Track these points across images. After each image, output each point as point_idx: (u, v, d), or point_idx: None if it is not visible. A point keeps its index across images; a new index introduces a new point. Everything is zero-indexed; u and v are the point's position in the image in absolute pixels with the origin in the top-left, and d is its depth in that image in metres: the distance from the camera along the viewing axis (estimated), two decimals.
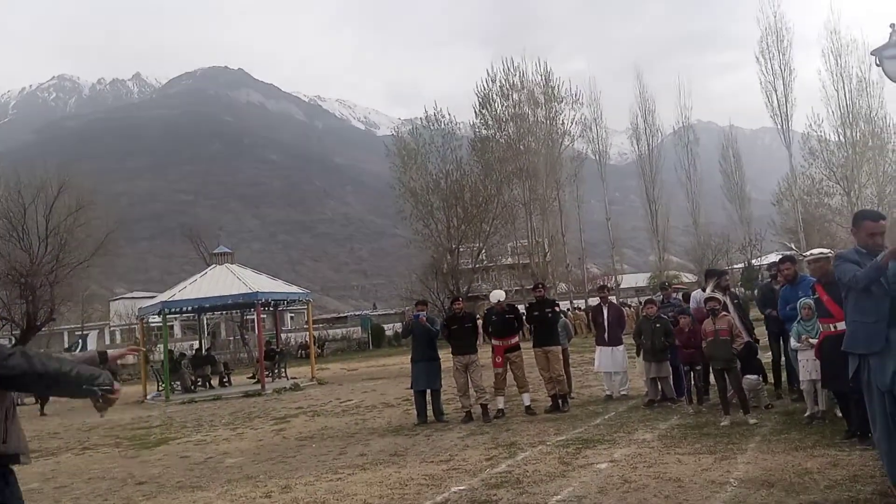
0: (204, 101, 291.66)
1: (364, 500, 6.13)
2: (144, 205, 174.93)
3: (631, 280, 63.07)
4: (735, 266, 50.91)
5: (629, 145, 55.74)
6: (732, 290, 9.92)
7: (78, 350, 31.92)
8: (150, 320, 25.74)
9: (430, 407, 10.62)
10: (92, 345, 32.30)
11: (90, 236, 38.41)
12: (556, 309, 11.44)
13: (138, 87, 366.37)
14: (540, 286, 11.51)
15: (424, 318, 10.78)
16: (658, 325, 9.88)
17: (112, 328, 65.04)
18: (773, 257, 30.69)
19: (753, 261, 51.24)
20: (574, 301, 45.78)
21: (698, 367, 9.31)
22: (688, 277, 46.11)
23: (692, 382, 9.48)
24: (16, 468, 3.01)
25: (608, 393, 11.39)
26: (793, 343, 7.94)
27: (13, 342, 37.94)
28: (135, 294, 75.75)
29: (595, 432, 8.39)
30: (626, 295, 51.99)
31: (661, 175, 51.12)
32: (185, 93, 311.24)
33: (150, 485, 7.80)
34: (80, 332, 50.01)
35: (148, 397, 21.10)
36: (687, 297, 11.03)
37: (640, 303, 26.90)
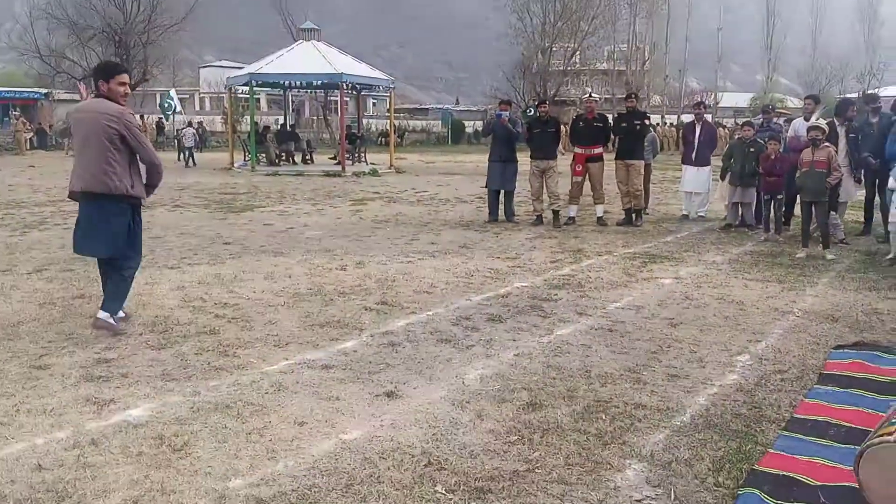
0: None
1: (431, 283, 6.45)
2: None
3: (731, 99, 59.30)
4: (848, 95, 47.03)
5: None
6: (854, 123, 9.20)
7: (167, 106, 32.94)
8: (237, 91, 26.14)
9: (502, 207, 10.75)
10: (175, 98, 33.30)
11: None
12: (646, 122, 10.98)
13: None
14: (632, 96, 10.99)
15: (506, 119, 10.54)
16: (752, 150, 9.41)
17: (202, 95, 66.71)
18: (894, 90, 28.04)
19: (869, 91, 47.11)
20: (666, 116, 43.81)
21: (780, 196, 8.97)
22: (793, 102, 42.97)
23: (771, 212, 9.19)
24: None
25: (685, 213, 11.22)
26: (891, 183, 7.50)
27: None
28: (223, 63, 76.46)
29: (664, 249, 8.40)
30: (724, 115, 49.19)
31: None
32: None
33: (236, 245, 8.39)
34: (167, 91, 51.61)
35: (235, 165, 22.13)
36: (790, 123, 10.35)
37: (737, 124, 25.50)
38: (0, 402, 3.61)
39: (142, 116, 29.33)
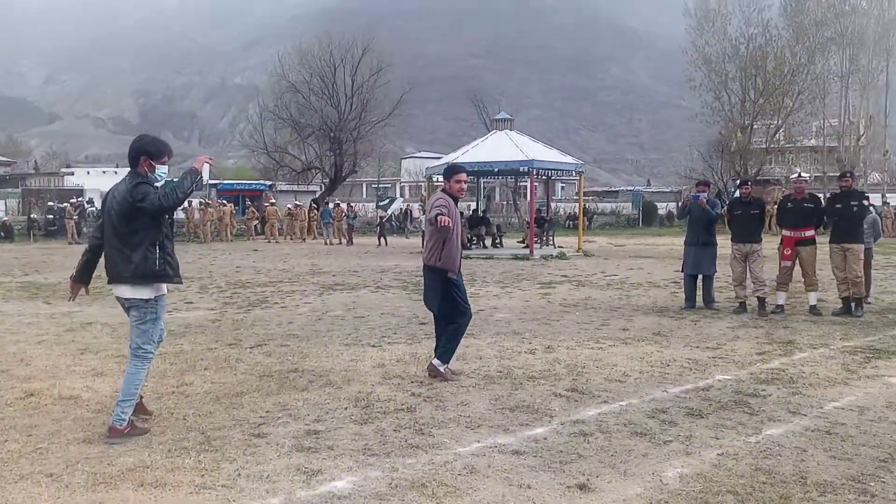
0: None
1: (624, 371, 6.25)
2: (436, 68, 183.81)
3: None
4: None
5: None
6: None
7: (387, 208, 35.24)
8: (435, 179, 27.76)
9: (699, 293, 10.24)
10: (397, 205, 36.46)
11: (387, 97, 41.93)
12: (865, 202, 10.03)
13: None
14: (848, 175, 10.10)
15: (705, 200, 10.17)
16: None
17: (402, 184, 71.67)
18: None
19: None
20: (887, 195, 39.64)
21: None
22: None
23: None
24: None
25: None
26: None
27: (322, 188, 43.89)
28: (422, 154, 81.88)
29: (891, 343, 7.47)
30: None
31: None
32: None
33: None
34: (375, 185, 55.94)
35: None
36: None
37: None
38: (224, 465, 4.01)
39: (337, 204, 32.05)
